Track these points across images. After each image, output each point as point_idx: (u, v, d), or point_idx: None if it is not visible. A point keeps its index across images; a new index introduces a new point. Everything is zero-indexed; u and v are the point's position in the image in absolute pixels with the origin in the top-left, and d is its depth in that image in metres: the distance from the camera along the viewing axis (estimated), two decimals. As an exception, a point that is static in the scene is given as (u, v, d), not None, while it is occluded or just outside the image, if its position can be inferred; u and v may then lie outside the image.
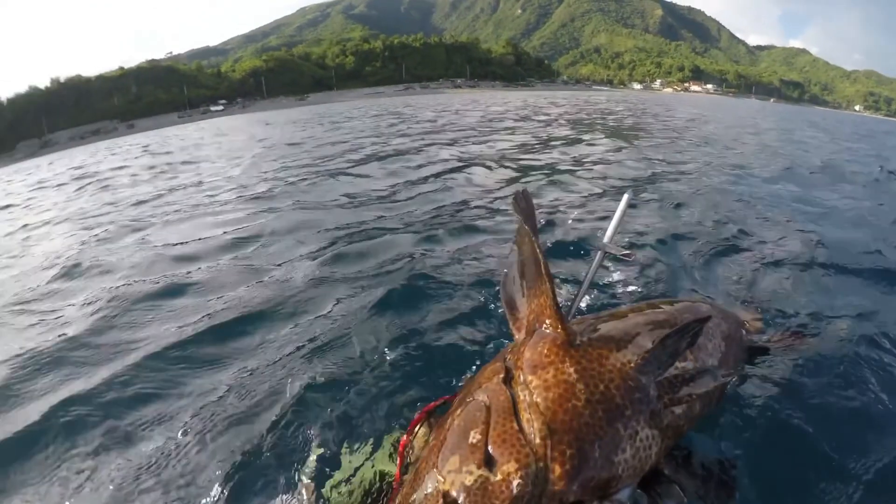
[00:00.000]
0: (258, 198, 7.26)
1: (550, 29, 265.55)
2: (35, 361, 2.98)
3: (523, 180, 7.32)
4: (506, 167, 8.43)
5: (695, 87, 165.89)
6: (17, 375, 2.85)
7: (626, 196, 1.82)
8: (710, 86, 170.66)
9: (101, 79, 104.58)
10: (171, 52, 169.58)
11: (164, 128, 62.29)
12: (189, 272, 4.28)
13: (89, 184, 12.59)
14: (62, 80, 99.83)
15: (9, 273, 5.31)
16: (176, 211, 7.15)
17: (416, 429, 1.44)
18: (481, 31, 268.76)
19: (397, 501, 1.18)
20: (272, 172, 9.75)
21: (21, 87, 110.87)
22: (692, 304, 1.88)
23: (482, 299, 3.03)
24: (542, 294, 1.36)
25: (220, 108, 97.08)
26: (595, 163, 8.74)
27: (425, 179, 7.54)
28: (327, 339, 2.78)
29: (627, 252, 1.75)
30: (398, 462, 1.38)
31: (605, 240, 1.79)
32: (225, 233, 5.49)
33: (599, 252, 1.79)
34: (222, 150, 16.56)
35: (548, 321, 1.31)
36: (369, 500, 1.44)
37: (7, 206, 11.45)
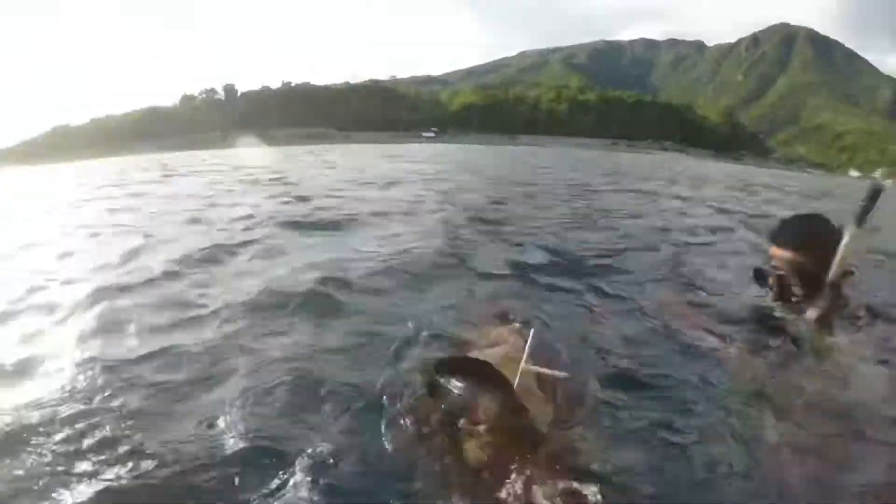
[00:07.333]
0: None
1: (770, 100, 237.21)
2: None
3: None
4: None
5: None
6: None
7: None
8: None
9: (327, 89, 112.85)
10: (394, 76, 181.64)
11: (380, 143, 60.08)
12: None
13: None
14: (293, 84, 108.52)
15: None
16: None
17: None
18: (700, 93, 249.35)
19: None
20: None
21: (255, 86, 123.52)
22: None
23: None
24: None
25: (432, 134, 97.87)
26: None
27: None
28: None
29: None
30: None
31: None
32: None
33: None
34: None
35: None
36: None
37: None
